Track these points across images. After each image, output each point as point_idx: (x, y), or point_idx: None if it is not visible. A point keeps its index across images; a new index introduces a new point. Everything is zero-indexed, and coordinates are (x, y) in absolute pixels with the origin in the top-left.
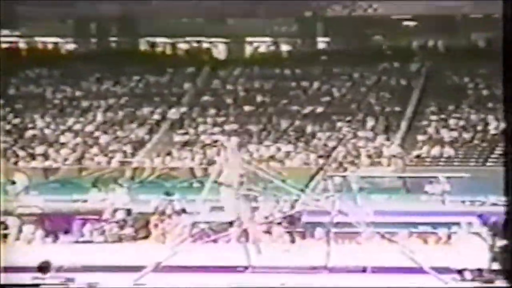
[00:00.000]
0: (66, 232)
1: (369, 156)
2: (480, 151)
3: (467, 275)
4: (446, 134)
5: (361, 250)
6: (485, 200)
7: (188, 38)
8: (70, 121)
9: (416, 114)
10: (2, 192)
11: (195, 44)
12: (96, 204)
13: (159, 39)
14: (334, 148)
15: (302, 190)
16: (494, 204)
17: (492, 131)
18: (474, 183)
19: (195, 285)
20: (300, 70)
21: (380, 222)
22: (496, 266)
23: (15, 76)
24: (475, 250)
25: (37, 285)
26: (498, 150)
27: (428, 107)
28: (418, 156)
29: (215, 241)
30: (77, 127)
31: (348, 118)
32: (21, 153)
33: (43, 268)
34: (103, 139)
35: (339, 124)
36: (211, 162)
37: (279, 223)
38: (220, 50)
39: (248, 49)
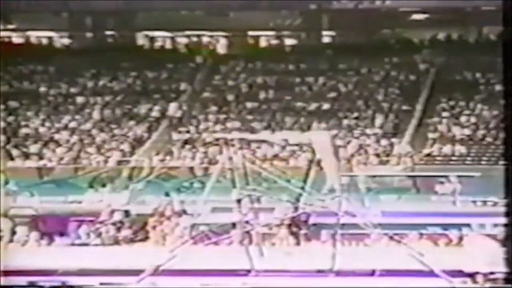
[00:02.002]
0: (62, 234)
1: (377, 155)
2: (493, 149)
3: (479, 278)
4: (457, 132)
5: (369, 253)
6: (497, 201)
7: (188, 32)
8: (66, 118)
9: (426, 110)
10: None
11: (195, 38)
12: (93, 205)
13: (157, 33)
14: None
15: (302, 188)
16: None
17: None
18: (487, 182)
19: None
20: (305, 65)
21: (389, 223)
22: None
23: (8, 71)
24: (487, 253)
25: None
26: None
27: (438, 103)
28: (428, 155)
29: (216, 243)
30: (73, 125)
31: (355, 115)
32: (15, 152)
33: None
34: (100, 137)
35: (345, 121)
36: (213, 161)
37: (284, 225)
38: (221, 45)
39: (251, 43)
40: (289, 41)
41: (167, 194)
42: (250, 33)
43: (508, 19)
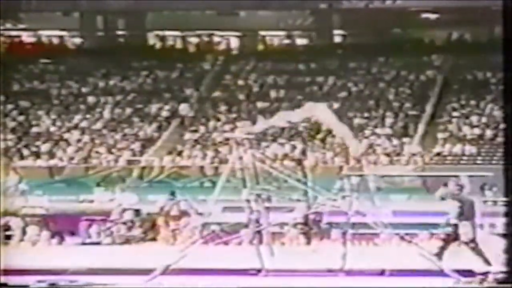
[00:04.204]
0: (72, 233)
1: (388, 155)
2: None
3: (491, 278)
4: (467, 131)
5: (379, 252)
6: (509, 200)
7: (198, 32)
8: (76, 118)
9: (437, 110)
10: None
11: (206, 38)
12: (103, 205)
13: (168, 33)
14: None
15: (307, 186)
16: None
17: None
18: (497, 182)
19: None
20: (315, 65)
21: (399, 223)
22: None
23: (19, 71)
24: (499, 252)
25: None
26: None
27: (449, 103)
28: (438, 154)
29: (226, 243)
30: (84, 124)
31: (366, 115)
32: (26, 152)
33: None
34: (110, 137)
35: (356, 121)
36: (223, 161)
37: (295, 224)
38: (232, 44)
39: (261, 43)
40: (299, 41)
41: (172, 193)
42: (261, 32)
43: (508, 18)
